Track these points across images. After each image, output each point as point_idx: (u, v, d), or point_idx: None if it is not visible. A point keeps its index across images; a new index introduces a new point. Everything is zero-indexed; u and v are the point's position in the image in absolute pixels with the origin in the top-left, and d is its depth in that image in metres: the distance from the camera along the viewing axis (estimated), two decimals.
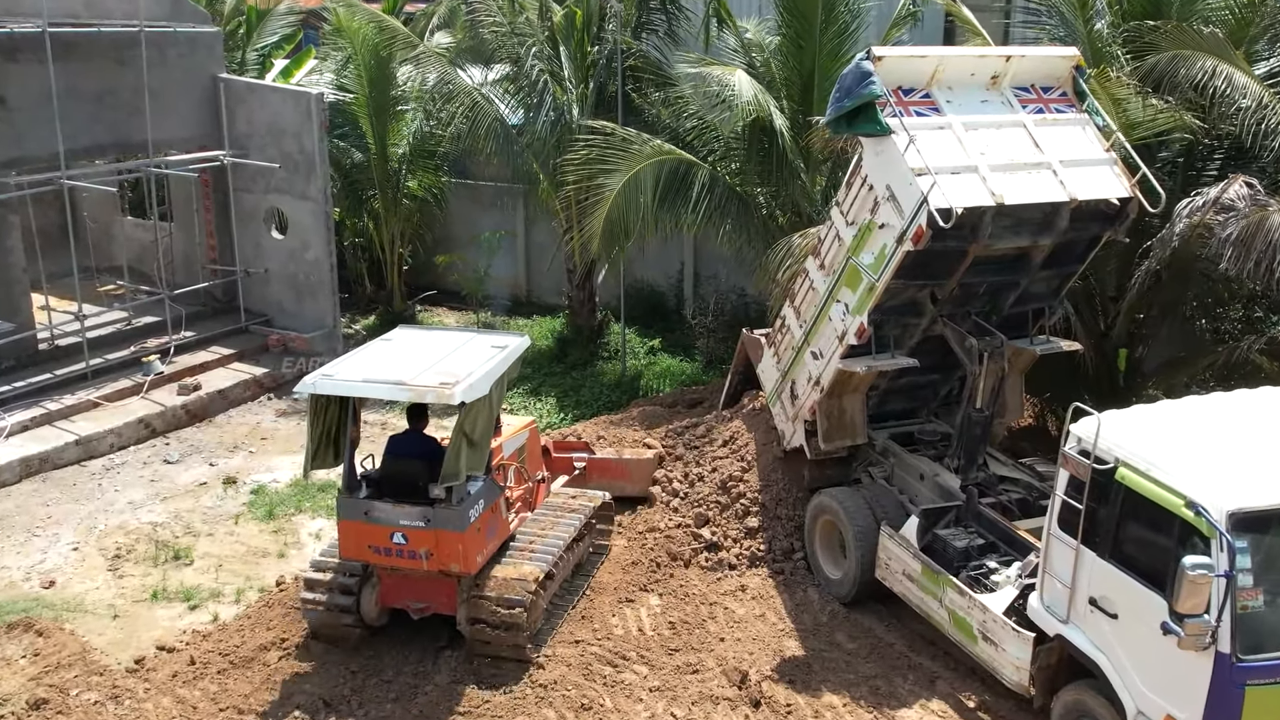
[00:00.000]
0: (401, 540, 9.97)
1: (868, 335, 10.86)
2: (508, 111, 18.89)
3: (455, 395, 9.53)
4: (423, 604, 10.51)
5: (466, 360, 10.41)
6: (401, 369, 10.18)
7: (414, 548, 9.98)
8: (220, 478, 14.87)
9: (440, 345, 10.96)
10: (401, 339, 11.45)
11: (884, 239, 10.38)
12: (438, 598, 10.47)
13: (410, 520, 9.92)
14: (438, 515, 9.82)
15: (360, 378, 10.05)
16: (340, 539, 10.44)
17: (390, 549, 10.07)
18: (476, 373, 10.02)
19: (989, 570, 9.95)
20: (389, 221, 20.63)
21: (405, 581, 10.49)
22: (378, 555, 10.21)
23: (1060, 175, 10.30)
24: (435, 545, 9.91)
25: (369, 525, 10.07)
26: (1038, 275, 11.11)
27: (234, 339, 18.71)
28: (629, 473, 13.32)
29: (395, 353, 10.84)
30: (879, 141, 10.22)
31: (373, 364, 10.44)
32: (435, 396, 9.75)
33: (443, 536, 9.88)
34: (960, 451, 11.34)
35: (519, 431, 12.04)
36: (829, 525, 11.63)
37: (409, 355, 10.64)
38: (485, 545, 10.36)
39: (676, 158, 15.33)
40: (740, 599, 11.43)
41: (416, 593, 10.51)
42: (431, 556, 9.97)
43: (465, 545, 9.92)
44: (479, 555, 10.21)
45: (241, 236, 19.09)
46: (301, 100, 18.13)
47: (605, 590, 11.57)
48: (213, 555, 12.85)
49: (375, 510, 10.03)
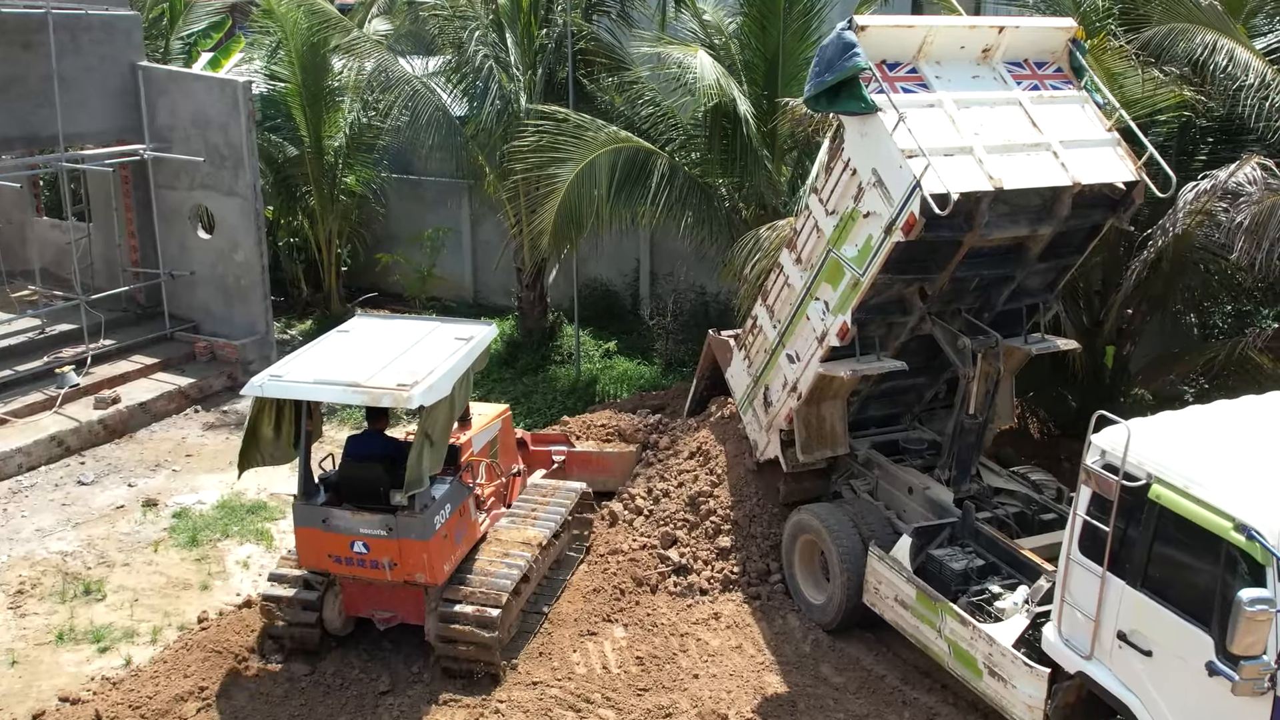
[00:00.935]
0: (363, 549, 9.38)
1: (851, 336, 9.86)
2: (451, 101, 17.70)
3: (414, 398, 8.87)
4: (388, 614, 9.90)
5: (427, 356, 9.72)
6: (356, 367, 9.47)
7: (376, 557, 9.39)
8: (139, 500, 13.57)
9: (400, 338, 10.22)
10: (359, 330, 10.67)
11: (869, 229, 9.37)
12: (404, 607, 9.84)
13: (371, 529, 9.32)
14: (400, 523, 9.21)
15: (311, 379, 9.34)
16: (298, 547, 9.77)
17: (351, 558, 9.47)
18: (438, 370, 9.34)
19: (992, 596, 8.97)
20: (325, 219, 19.35)
21: (370, 589, 9.84)
22: (338, 565, 9.59)
23: (1061, 157, 9.35)
24: (399, 555, 9.31)
25: (328, 534, 9.47)
26: (1034, 268, 10.16)
27: (157, 347, 17.34)
28: (610, 466, 12.70)
29: (351, 348, 10.10)
30: (863, 121, 9.20)
31: (326, 361, 9.74)
32: (392, 400, 9.06)
33: (406, 546, 9.27)
34: (952, 461, 10.38)
35: (491, 422, 11.29)
36: (810, 545, 10.61)
37: (365, 351, 9.92)
38: (453, 553, 9.72)
39: (634, 145, 14.26)
40: (714, 628, 10.37)
41: (382, 601, 9.87)
42: (395, 567, 9.38)
43: (431, 555, 9.31)
44: (446, 565, 9.58)
45: (165, 237, 17.74)
46: (228, 89, 16.83)
47: (565, 622, 10.45)
48: (128, 588, 11.57)
49: (334, 518, 9.44)
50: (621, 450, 12.94)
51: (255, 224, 17.21)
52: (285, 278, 20.39)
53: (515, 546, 10.31)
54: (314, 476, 9.84)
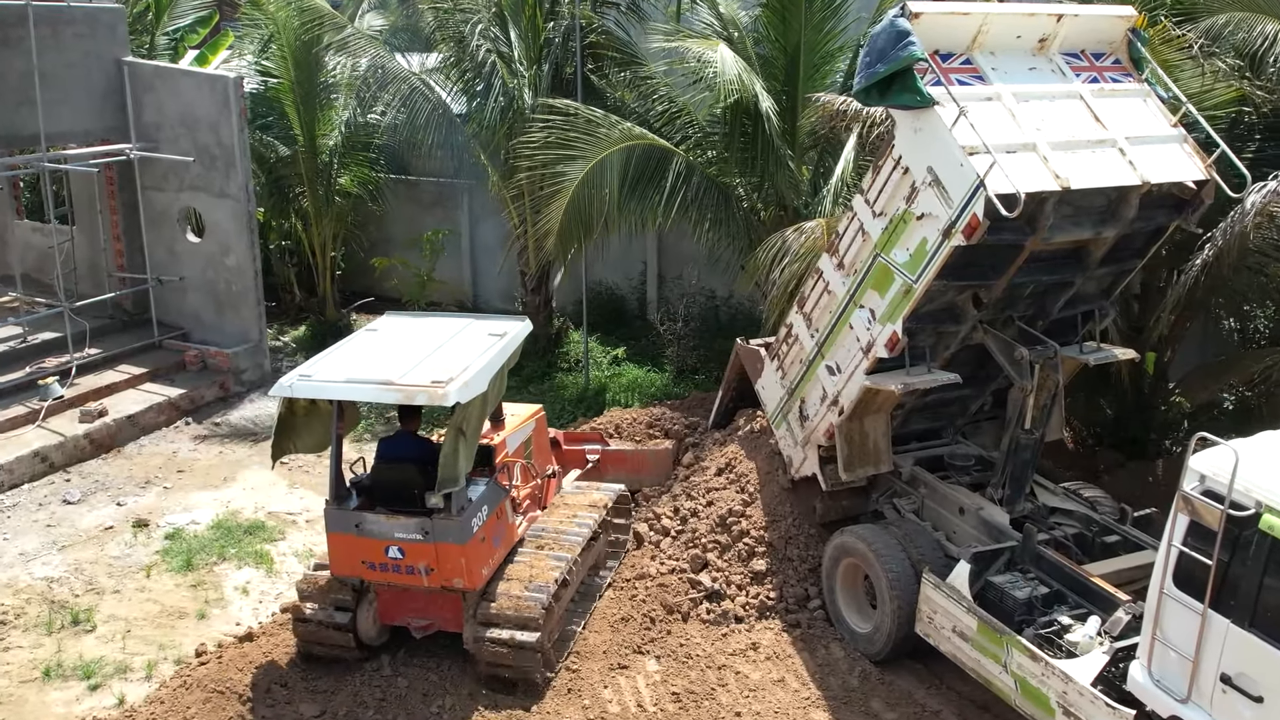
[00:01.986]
0: (398, 554, 9.06)
1: (901, 346, 9.19)
2: (450, 99, 16.97)
3: (449, 396, 8.57)
4: (425, 621, 9.55)
5: (461, 352, 9.43)
6: (388, 366, 9.16)
7: (412, 562, 9.06)
8: (129, 520, 12.78)
9: (431, 336, 9.92)
10: (388, 329, 10.39)
11: (924, 232, 8.70)
12: (441, 614, 9.50)
13: (406, 533, 8.99)
14: (437, 527, 8.89)
15: (343, 377, 9.07)
16: (330, 554, 9.47)
17: (386, 564, 9.15)
18: (472, 367, 9.04)
19: (1062, 627, 8.30)
20: (320, 222, 18.55)
21: (405, 596, 9.50)
22: (372, 571, 9.26)
23: (1128, 155, 8.71)
24: (435, 560, 9.01)
25: (361, 539, 9.13)
26: (1093, 273, 9.52)
27: (146, 356, 16.53)
28: (646, 464, 12.31)
29: (381, 346, 9.83)
30: (918, 115, 8.53)
31: (356, 360, 9.46)
32: (427, 398, 8.74)
33: (443, 550, 8.96)
34: (1005, 479, 9.72)
35: (524, 423, 10.99)
36: (853, 569, 9.94)
37: (396, 349, 9.65)
38: (491, 556, 9.41)
39: (648, 143, 13.58)
40: (753, 660, 9.68)
41: (418, 609, 9.53)
42: (432, 572, 9.06)
43: (469, 559, 9.01)
44: (484, 569, 9.28)
45: (153, 240, 16.93)
46: (218, 86, 16.04)
47: (593, 654, 9.74)
48: (119, 618, 10.80)
49: (367, 522, 9.12)
50: (659, 447, 12.46)
51: (248, 227, 16.44)
52: (277, 282, 19.62)
53: (554, 549, 9.93)
54: (345, 480, 9.48)
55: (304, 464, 14.34)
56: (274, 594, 11.29)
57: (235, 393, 16.46)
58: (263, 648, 9.92)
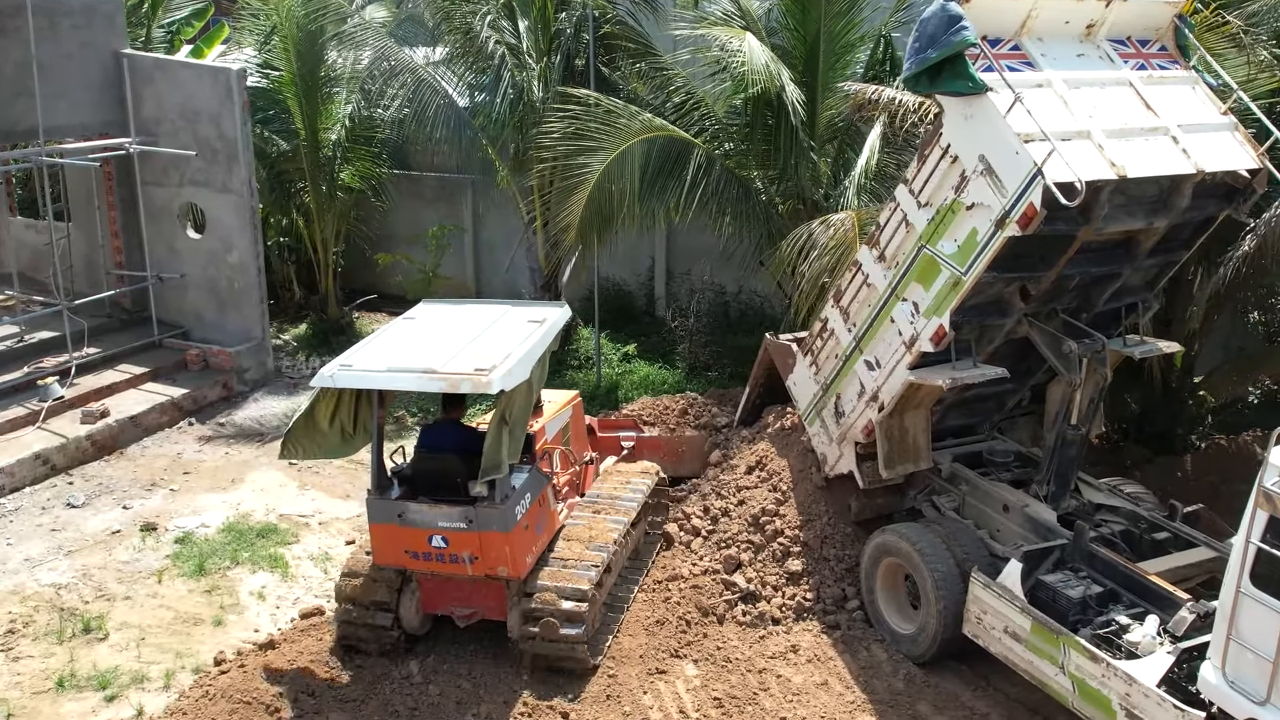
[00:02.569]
0: (441, 544, 9.00)
1: (948, 341, 8.95)
2: (457, 92, 16.64)
3: (493, 383, 8.48)
4: (468, 610, 9.50)
5: (502, 340, 9.35)
6: (430, 354, 9.06)
7: (456, 551, 9.00)
8: (136, 524, 12.40)
9: (471, 323, 9.85)
10: (426, 316, 10.30)
11: (974, 222, 8.46)
12: (485, 602, 9.45)
13: (450, 521, 8.93)
14: (480, 515, 8.82)
15: (384, 366, 8.94)
16: (373, 544, 9.42)
17: (429, 553, 9.09)
18: (514, 355, 8.95)
19: (1120, 627, 8.08)
20: (322, 218, 18.17)
21: (448, 585, 9.45)
22: (415, 560, 9.22)
23: (1182, 143, 8.52)
24: (479, 548, 8.95)
25: (404, 529, 9.05)
26: (1140, 265, 9.31)
27: (146, 355, 16.12)
28: (681, 452, 12.22)
29: (420, 334, 9.75)
30: (969, 102, 8.29)
31: (397, 349, 9.34)
32: (471, 386, 8.64)
33: (487, 539, 8.90)
34: (1051, 476, 9.49)
35: (562, 409, 10.99)
36: (894, 569, 9.69)
37: (436, 336, 9.58)
38: (534, 544, 9.36)
39: (669, 134, 13.32)
40: (794, 663, 9.43)
41: (461, 598, 9.48)
42: (476, 561, 9.00)
43: (513, 547, 8.95)
44: (528, 556, 9.20)
45: (152, 237, 16.52)
46: (220, 78, 15.66)
47: (629, 659, 9.45)
48: (132, 625, 10.44)
49: (410, 512, 9.04)
50: (693, 435, 12.45)
51: (251, 222, 16.06)
52: (276, 280, 19.20)
53: (595, 536, 9.84)
54: (387, 469, 9.38)
55: (314, 465, 13.98)
56: (291, 599, 10.95)
57: (239, 392, 16.08)
58: (286, 655, 9.58)
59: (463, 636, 9.84)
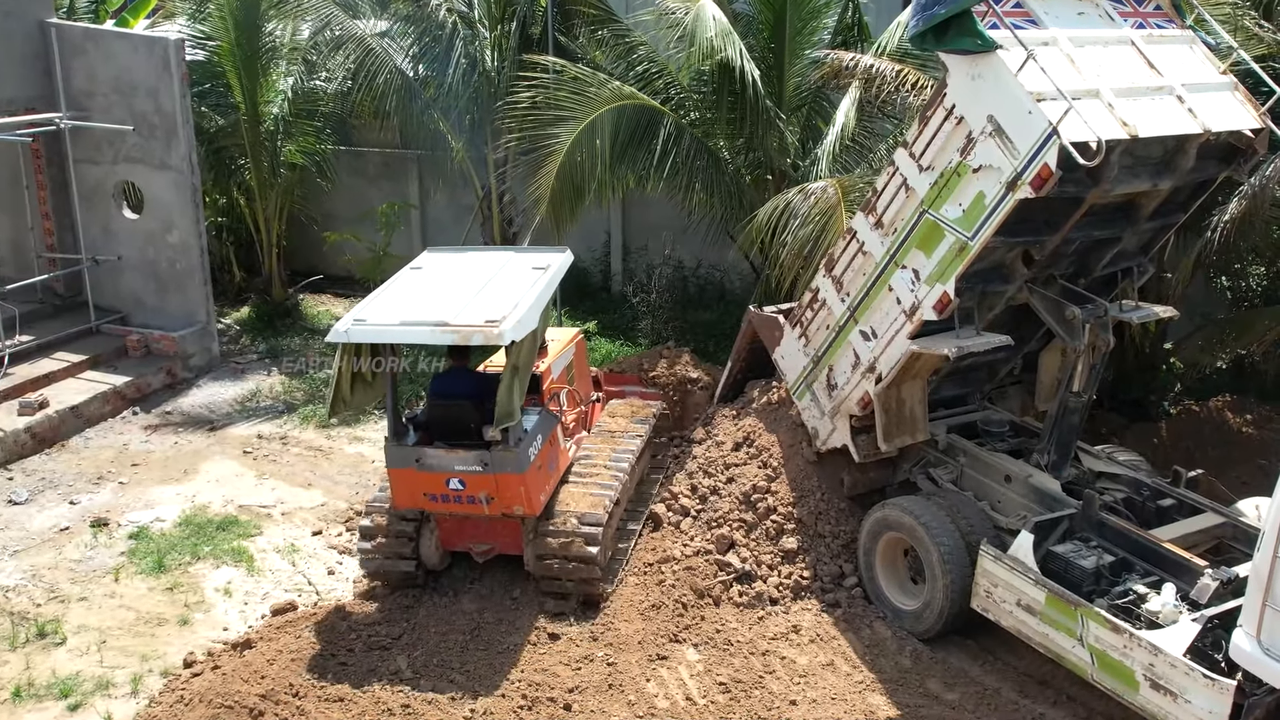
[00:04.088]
0: (459, 486, 9.33)
1: (952, 308, 8.70)
2: (406, 62, 16.01)
3: (504, 334, 8.72)
4: (486, 545, 9.90)
5: (510, 288, 9.61)
6: (440, 305, 9.30)
7: (472, 493, 9.35)
8: (86, 520, 11.73)
9: (477, 272, 10.11)
10: (432, 266, 10.54)
11: (981, 185, 8.21)
12: (502, 538, 9.87)
13: (466, 465, 9.24)
14: (496, 458, 9.13)
15: (397, 320, 9.14)
16: (392, 489, 9.74)
17: (447, 495, 9.43)
18: (523, 304, 9.19)
19: (1138, 596, 7.92)
20: (264, 196, 17.40)
21: (466, 523, 9.87)
22: (434, 503, 9.58)
23: (1187, 102, 8.33)
24: (496, 489, 9.28)
25: (422, 473, 9.37)
26: (1140, 228, 9.15)
27: (84, 342, 15.30)
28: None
29: (429, 285, 9.99)
30: (975, 61, 8.02)
31: (407, 301, 9.56)
32: (483, 338, 8.87)
33: (503, 480, 9.22)
34: (1052, 445, 9.32)
35: (565, 347, 11.37)
36: (893, 544, 9.47)
37: (444, 287, 9.82)
38: (547, 482, 9.79)
39: (639, 103, 12.92)
40: (797, 644, 9.15)
41: (479, 534, 9.90)
42: (493, 501, 9.35)
43: (528, 486, 9.30)
44: (542, 494, 9.60)
45: (86, 218, 15.66)
46: (156, 48, 14.85)
47: (627, 645, 9.09)
48: (91, 628, 9.83)
49: (427, 457, 9.35)
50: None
51: (192, 200, 15.31)
52: (215, 261, 18.32)
53: (604, 470, 10.26)
54: (401, 417, 9.67)
55: (269, 453, 13.41)
56: (260, 594, 10.41)
57: (184, 379, 15.35)
58: (265, 654, 9.05)
59: (448, 629, 9.44)
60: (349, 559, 10.94)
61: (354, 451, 13.41)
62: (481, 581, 10.15)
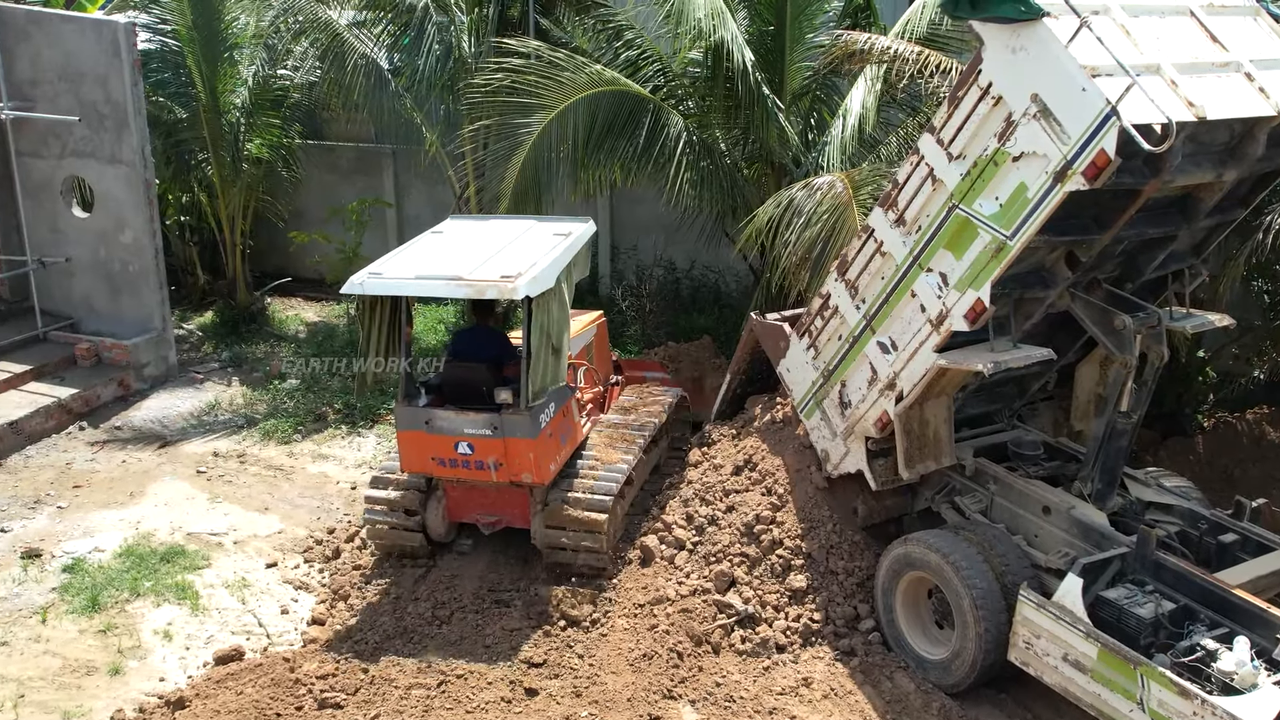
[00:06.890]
0: (467, 450, 9.26)
1: (986, 317, 7.60)
2: (376, 49, 14.88)
3: (519, 289, 8.64)
4: (493, 517, 9.82)
5: (528, 250, 9.52)
6: (457, 262, 9.28)
7: (481, 458, 9.25)
8: (17, 550, 10.59)
9: (497, 235, 10.05)
10: (453, 230, 10.55)
11: (1023, 175, 7.10)
12: (509, 510, 9.78)
13: (476, 428, 9.18)
14: (506, 422, 9.06)
15: (413, 274, 9.14)
16: (400, 452, 9.63)
17: (455, 460, 9.34)
18: (540, 263, 9.08)
19: (1208, 653, 6.84)
20: (226, 193, 16.23)
21: (473, 494, 9.81)
22: (442, 467, 9.48)
23: (1257, 80, 7.26)
24: (504, 455, 9.18)
25: (431, 436, 9.31)
26: (1196, 226, 8.06)
27: (28, 351, 14.16)
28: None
29: (448, 245, 9.97)
30: (1017, 31, 6.92)
31: (425, 258, 9.59)
32: (497, 291, 8.81)
33: (512, 445, 9.12)
34: (1097, 472, 8.23)
35: (586, 327, 11.39)
36: (916, 584, 8.36)
37: (463, 247, 9.82)
38: (558, 452, 9.63)
39: (620, 89, 11.81)
40: (808, 700, 8.03)
41: (486, 505, 9.82)
42: (501, 467, 9.25)
43: (537, 454, 9.19)
44: (551, 464, 9.49)
45: (32, 216, 14.52)
46: (105, 32, 13.70)
47: (615, 704, 7.96)
48: (9, 679, 8.69)
49: (437, 419, 9.29)
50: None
51: (146, 197, 14.14)
52: (176, 263, 17.25)
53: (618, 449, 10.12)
54: (415, 379, 9.68)
55: (225, 473, 12.28)
56: (204, 638, 9.29)
57: (137, 390, 14.18)
58: (198, 714, 7.93)
59: (412, 683, 8.31)
60: (305, 595, 9.86)
61: (317, 471, 12.29)
62: (450, 624, 9.04)
